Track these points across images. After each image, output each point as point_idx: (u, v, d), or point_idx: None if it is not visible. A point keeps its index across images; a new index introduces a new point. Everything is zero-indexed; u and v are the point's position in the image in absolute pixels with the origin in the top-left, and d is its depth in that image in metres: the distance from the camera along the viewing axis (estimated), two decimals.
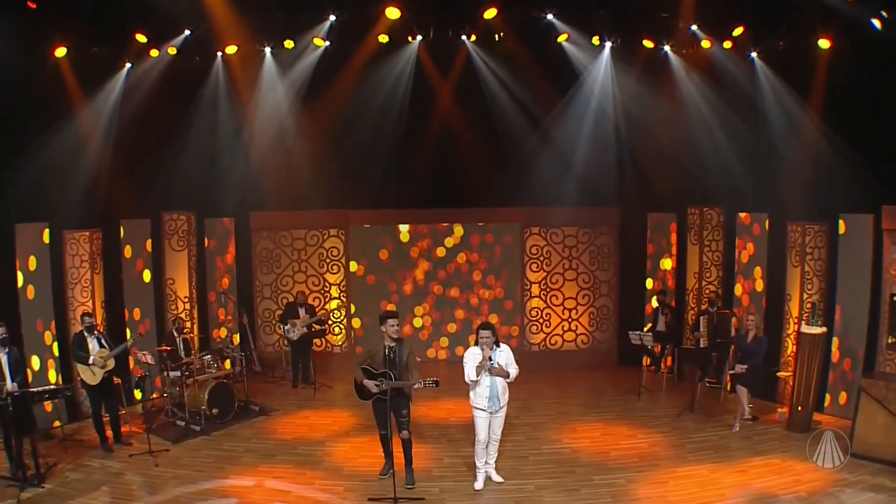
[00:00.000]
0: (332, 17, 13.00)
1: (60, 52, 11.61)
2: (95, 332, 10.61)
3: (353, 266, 15.66)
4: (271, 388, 14.06)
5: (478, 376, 8.69)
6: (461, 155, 14.90)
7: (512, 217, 15.59)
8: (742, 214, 13.32)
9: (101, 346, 10.40)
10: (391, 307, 15.04)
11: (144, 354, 11.68)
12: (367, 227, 15.71)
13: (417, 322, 15.90)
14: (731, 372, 11.25)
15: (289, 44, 13.52)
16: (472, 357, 8.80)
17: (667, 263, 15.24)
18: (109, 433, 10.45)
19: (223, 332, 14.73)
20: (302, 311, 14.15)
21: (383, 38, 13.38)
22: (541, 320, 15.58)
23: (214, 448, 10.55)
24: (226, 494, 8.88)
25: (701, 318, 13.04)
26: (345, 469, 9.77)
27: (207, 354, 12.35)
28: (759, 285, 12.98)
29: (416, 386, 8.73)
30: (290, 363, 14.48)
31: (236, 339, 14.96)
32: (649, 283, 15.35)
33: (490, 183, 15.01)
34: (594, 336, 15.72)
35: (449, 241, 15.81)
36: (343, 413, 12.19)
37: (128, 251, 13.19)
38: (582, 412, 12.20)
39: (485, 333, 8.67)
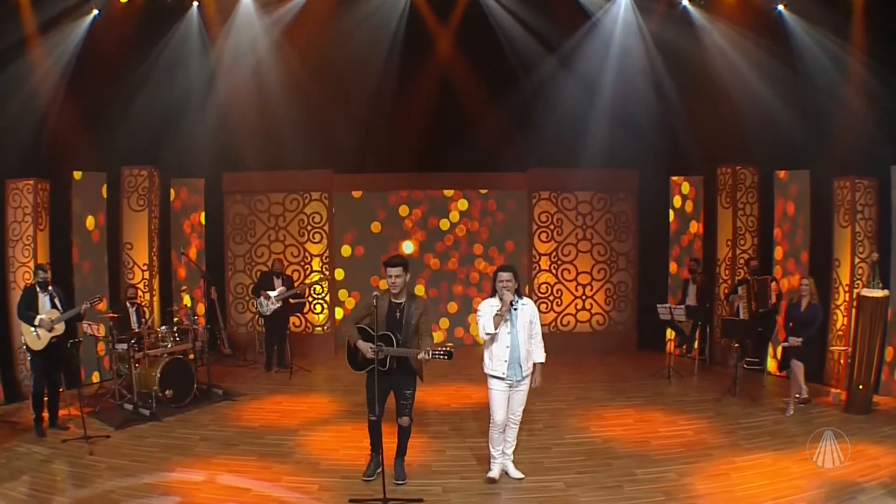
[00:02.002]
0: None
1: None
2: (50, 288, 8.99)
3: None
4: (241, 371, 12.35)
5: (497, 328, 6.89)
6: (461, 111, 13.26)
7: (518, 183, 13.89)
8: (780, 172, 11.94)
9: (55, 306, 8.85)
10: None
11: (91, 325, 10.00)
12: (357, 195, 14.05)
13: None
14: (785, 345, 9.75)
15: None
16: (488, 308, 6.98)
17: (694, 229, 13.51)
18: (46, 414, 8.95)
19: (186, 300, 12.78)
20: (278, 283, 12.35)
21: None
22: (551, 297, 13.74)
23: (163, 435, 8.79)
24: (168, 491, 7.03)
25: (739, 287, 11.72)
26: (321, 463, 7.91)
27: (164, 326, 10.46)
28: (802, 252, 11.67)
29: (422, 356, 6.70)
30: (263, 344, 12.56)
31: (201, 309, 12.99)
32: (674, 250, 13.73)
33: (494, 142, 13.38)
34: (611, 316, 13.92)
35: (454, 216, 14.07)
36: (323, 398, 10.51)
37: (76, 205, 11.56)
38: (606, 397, 10.60)
39: (505, 276, 6.92)
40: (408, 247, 14.04)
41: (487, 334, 6.93)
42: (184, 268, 13.20)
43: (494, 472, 7.24)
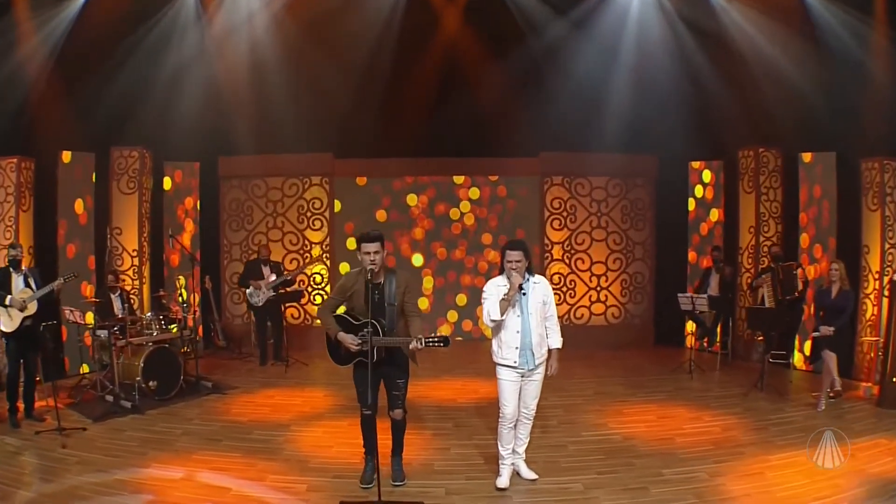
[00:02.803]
0: None
1: None
2: (24, 268, 8.41)
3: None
4: (235, 364, 11.69)
5: (503, 314, 6.10)
6: (468, 91, 12.41)
7: (529, 168, 13.18)
8: (804, 154, 11.29)
9: (28, 286, 8.29)
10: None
11: (73, 312, 9.43)
12: (361, 182, 13.38)
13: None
14: (816, 335, 9.03)
15: None
16: (494, 290, 6.19)
17: (715, 216, 12.72)
18: (22, 404, 8.35)
19: (181, 281, 12.12)
20: (266, 270, 11.64)
21: None
22: (564, 289, 13.00)
23: (143, 429, 8.07)
24: (140, 489, 6.31)
25: (762, 275, 11.04)
26: (311, 461, 7.17)
27: (150, 313, 9.78)
28: (829, 237, 11.02)
29: (413, 346, 5.87)
30: (257, 337, 11.86)
31: (195, 300, 12.29)
32: (694, 239, 12.99)
33: (503, 125, 12.60)
34: (626, 308, 13.17)
35: (465, 205, 13.35)
36: (318, 392, 9.82)
37: (63, 186, 10.96)
38: (625, 392, 9.85)
39: (514, 254, 6.10)
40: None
41: (493, 321, 6.14)
42: (177, 254, 12.49)
43: (504, 479, 6.39)
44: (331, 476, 6.66)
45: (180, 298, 10.81)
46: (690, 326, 12.05)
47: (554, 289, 12.20)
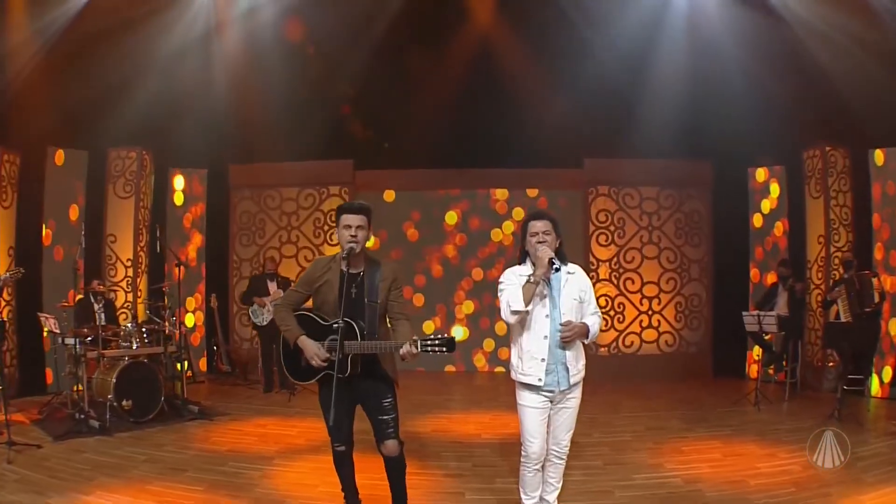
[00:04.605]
0: None
1: None
2: None
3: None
4: (237, 391, 10.48)
5: (529, 303, 4.53)
6: (503, 94, 11.30)
7: (572, 179, 11.88)
8: (877, 151, 9.95)
9: None
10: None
11: (48, 318, 8.41)
12: (389, 197, 12.20)
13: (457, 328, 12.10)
14: None
15: None
16: (514, 278, 4.64)
17: (780, 230, 11.21)
18: None
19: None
20: (273, 286, 10.36)
21: None
22: (612, 313, 11.52)
23: (104, 452, 6.90)
24: None
25: (836, 287, 9.54)
26: (288, 500, 5.77)
27: (130, 324, 8.59)
28: None
29: (406, 351, 4.39)
30: (264, 361, 10.57)
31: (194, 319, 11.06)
32: (757, 253, 11.49)
33: (543, 130, 11.13)
34: (682, 335, 11.61)
35: (508, 226, 12.08)
36: (318, 422, 8.20)
37: (51, 184, 10.06)
38: (683, 427, 8.30)
39: (540, 224, 4.60)
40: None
41: (514, 313, 4.53)
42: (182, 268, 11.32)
43: None
44: None
45: (170, 313, 9.50)
46: (757, 351, 10.54)
47: (602, 314, 10.93)
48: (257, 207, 12.09)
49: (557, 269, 4.47)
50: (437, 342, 4.32)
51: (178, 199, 11.62)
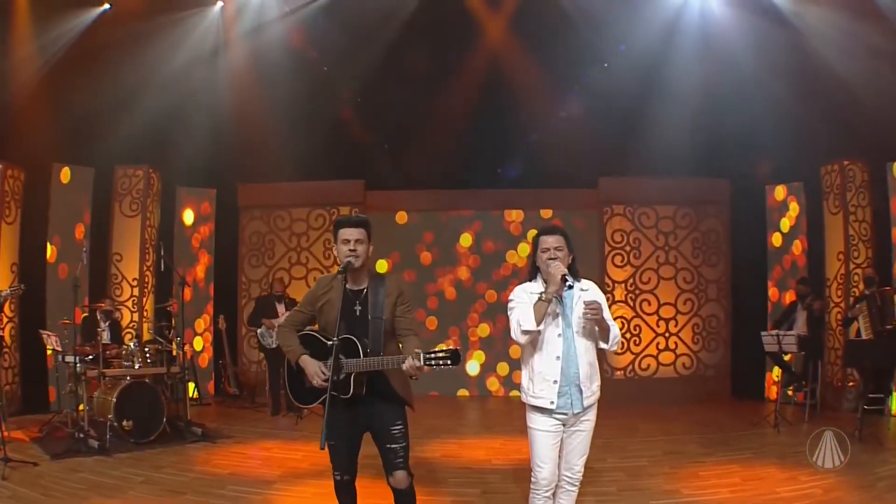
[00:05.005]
0: None
1: None
2: None
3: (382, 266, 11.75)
4: (244, 414, 10.28)
5: (541, 323, 4.29)
6: (515, 116, 11.28)
7: (587, 199, 11.69)
8: (895, 164, 9.81)
9: None
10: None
11: (50, 336, 8.33)
12: (401, 220, 12.10)
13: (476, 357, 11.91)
14: None
15: None
16: (525, 296, 4.37)
17: (798, 249, 10.96)
18: None
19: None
20: (281, 308, 10.17)
21: None
22: (628, 335, 11.25)
23: (101, 472, 6.71)
24: None
25: (857, 304, 9.36)
26: None
27: (133, 343, 8.45)
28: None
29: (409, 365, 4.05)
30: (270, 384, 10.35)
31: (200, 344, 10.87)
32: (776, 272, 11.23)
33: (556, 150, 11.04)
34: (699, 357, 11.30)
35: (524, 249, 11.79)
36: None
37: (56, 201, 9.99)
38: (701, 451, 7.99)
39: (551, 240, 4.34)
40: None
41: (525, 333, 4.26)
42: (189, 289, 11.15)
43: None
44: None
45: (176, 334, 9.30)
46: (777, 372, 10.26)
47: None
48: (267, 228, 11.96)
49: (570, 287, 4.23)
50: (441, 355, 4.03)
51: (187, 218, 11.50)
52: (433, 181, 11.88)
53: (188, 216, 11.53)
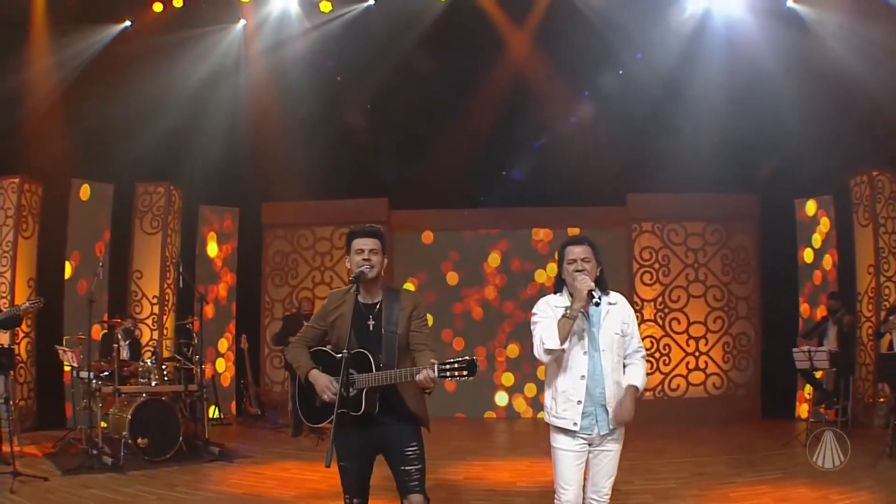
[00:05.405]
0: None
1: None
2: None
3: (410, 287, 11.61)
4: (265, 434, 10.15)
5: (565, 340, 4.07)
6: (540, 133, 11.37)
7: (615, 217, 11.45)
8: None
9: None
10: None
11: (66, 352, 8.23)
12: (427, 239, 12.01)
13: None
14: None
15: (326, 6, 10.48)
16: (550, 311, 4.16)
17: (829, 264, 10.67)
18: None
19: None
20: None
21: None
22: (657, 355, 10.96)
23: (113, 489, 6.61)
24: None
25: (890, 317, 9.01)
26: None
27: (151, 360, 8.37)
28: None
29: (423, 376, 3.83)
30: (293, 404, 10.22)
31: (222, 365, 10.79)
32: (807, 287, 10.97)
33: (584, 166, 10.79)
34: (729, 377, 11.00)
35: (552, 269, 11.38)
36: None
37: (75, 217, 10.05)
38: (730, 472, 7.72)
39: (578, 250, 4.13)
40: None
41: (548, 352, 4.04)
42: (211, 307, 11.10)
43: None
44: None
45: (198, 349, 9.19)
46: (808, 390, 10.00)
47: (646, 355, 10.40)
48: (290, 247, 11.90)
49: (598, 303, 4.02)
50: (456, 365, 3.81)
51: (210, 236, 11.49)
52: (458, 200, 11.78)
53: (211, 236, 11.51)
